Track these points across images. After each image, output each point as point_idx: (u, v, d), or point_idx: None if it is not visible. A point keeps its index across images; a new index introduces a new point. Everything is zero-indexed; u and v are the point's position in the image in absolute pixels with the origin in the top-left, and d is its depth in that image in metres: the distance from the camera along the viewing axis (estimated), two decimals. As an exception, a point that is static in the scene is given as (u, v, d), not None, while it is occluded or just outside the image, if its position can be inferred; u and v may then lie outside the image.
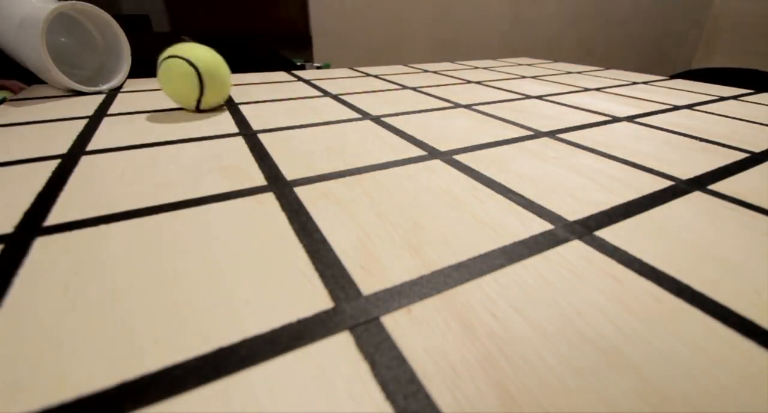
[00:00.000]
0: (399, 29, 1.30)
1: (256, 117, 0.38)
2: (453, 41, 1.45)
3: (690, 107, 0.45)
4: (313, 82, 0.56)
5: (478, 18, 1.48)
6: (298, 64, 0.85)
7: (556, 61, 0.82)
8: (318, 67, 0.74)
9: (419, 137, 0.33)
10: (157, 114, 0.38)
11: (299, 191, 0.23)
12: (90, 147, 0.29)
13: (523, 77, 0.63)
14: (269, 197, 0.22)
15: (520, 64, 0.77)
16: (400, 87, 0.53)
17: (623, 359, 0.12)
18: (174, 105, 0.42)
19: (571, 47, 1.83)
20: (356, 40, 1.24)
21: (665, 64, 2.20)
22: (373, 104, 0.43)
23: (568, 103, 0.46)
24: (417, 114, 0.40)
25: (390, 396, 0.11)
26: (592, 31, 1.86)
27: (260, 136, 0.32)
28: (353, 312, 0.14)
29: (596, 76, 0.65)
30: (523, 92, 0.51)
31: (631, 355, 0.12)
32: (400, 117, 0.38)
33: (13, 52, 0.44)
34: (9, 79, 0.61)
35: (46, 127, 0.34)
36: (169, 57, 0.35)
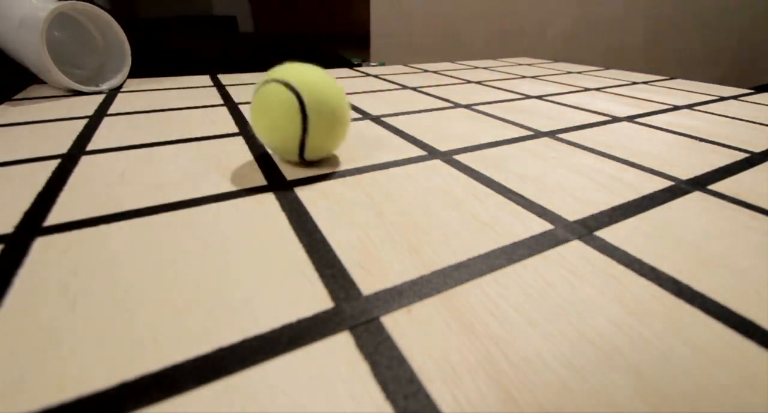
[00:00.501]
0: (454, 29, 1.26)
1: (256, 117, 0.38)
2: (509, 41, 1.36)
3: (690, 107, 0.45)
4: (313, 82, 0.56)
5: (538, 17, 1.38)
6: (356, 63, 0.86)
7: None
8: (373, 66, 0.75)
9: (419, 137, 0.33)
10: (157, 114, 0.38)
11: (299, 191, 0.23)
12: (90, 147, 0.29)
13: (523, 77, 0.63)
14: (269, 197, 0.22)
15: (520, 64, 0.77)
16: (400, 87, 0.53)
17: (623, 359, 0.12)
18: (174, 105, 0.42)
19: (637, 53, 1.65)
20: (412, 40, 1.22)
21: (752, 75, 1.97)
22: (373, 104, 0.43)
23: (568, 103, 0.46)
24: (417, 114, 0.40)
25: (390, 396, 0.11)
26: (666, 36, 1.65)
27: (260, 136, 0.32)
28: (353, 312, 0.14)
29: (596, 76, 0.65)
30: (523, 92, 0.51)
31: (631, 355, 0.12)
32: (400, 117, 0.38)
33: (13, 52, 0.44)
34: None
35: (46, 127, 0.34)
36: (265, 83, 0.23)
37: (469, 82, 0.58)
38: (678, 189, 0.24)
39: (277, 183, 0.24)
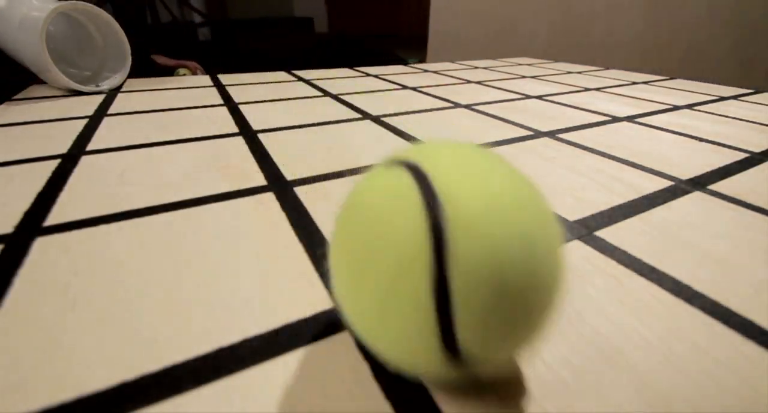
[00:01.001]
0: (513, 31, 1.18)
1: (256, 117, 0.38)
2: (572, 44, 1.24)
3: (690, 106, 0.45)
4: (313, 82, 0.56)
5: (607, 18, 1.24)
6: (411, 62, 0.87)
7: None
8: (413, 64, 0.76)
9: (419, 137, 0.33)
10: (157, 114, 0.38)
11: (299, 191, 0.23)
12: (90, 147, 0.29)
13: (523, 77, 0.63)
14: (269, 197, 0.22)
15: (520, 64, 0.77)
16: (400, 87, 0.53)
17: (623, 359, 0.12)
18: (174, 105, 0.42)
19: (719, 60, 1.43)
20: (469, 41, 1.17)
21: None
22: (373, 104, 0.43)
23: (568, 103, 0.46)
24: (417, 114, 0.40)
25: (390, 396, 0.11)
26: (754, 44, 1.41)
27: (260, 136, 0.32)
28: (353, 312, 0.14)
29: (596, 76, 0.65)
30: (523, 92, 0.51)
31: (631, 355, 0.12)
32: (400, 117, 0.38)
33: (13, 52, 0.44)
34: (189, 59, 0.73)
35: (46, 127, 0.34)
36: (373, 180, 0.10)
37: (469, 82, 0.58)
38: (678, 189, 0.24)
39: (277, 183, 0.24)
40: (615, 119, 0.39)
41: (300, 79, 0.58)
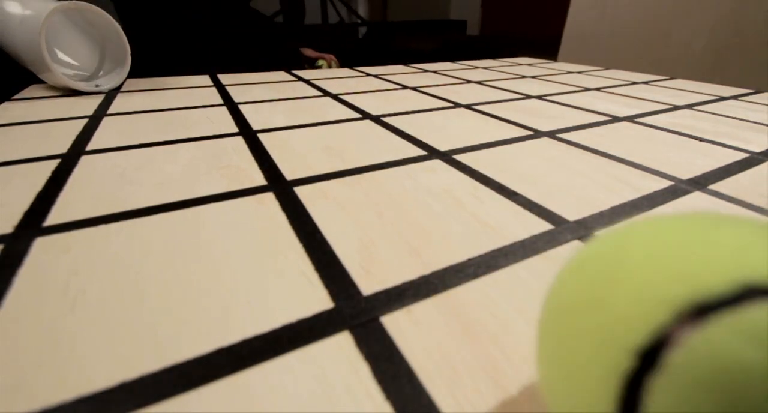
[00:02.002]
0: (665, 41, 1.02)
1: (255, 117, 0.38)
2: (733, 62, 1.00)
3: (690, 106, 0.45)
4: (313, 82, 0.56)
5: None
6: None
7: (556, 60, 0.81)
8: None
9: (419, 137, 0.33)
10: (157, 114, 0.38)
11: (299, 191, 0.23)
12: (90, 147, 0.29)
13: (524, 77, 0.63)
14: (269, 197, 0.22)
15: (520, 64, 0.77)
16: (400, 87, 0.53)
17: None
18: (174, 105, 0.42)
19: None
20: (607, 45, 1.08)
21: None
22: (373, 104, 0.43)
23: (568, 103, 0.46)
24: (417, 114, 0.40)
25: (390, 396, 0.11)
26: None
27: (260, 136, 0.32)
28: (353, 312, 0.14)
29: (596, 76, 0.65)
30: (523, 92, 0.51)
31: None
32: (400, 117, 0.38)
33: (12, 52, 0.44)
34: (329, 53, 0.85)
35: (46, 127, 0.34)
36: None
37: (469, 82, 0.58)
38: (678, 189, 0.24)
39: (277, 183, 0.24)
40: (615, 119, 0.39)
41: (300, 79, 0.58)
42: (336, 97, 0.47)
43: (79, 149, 0.29)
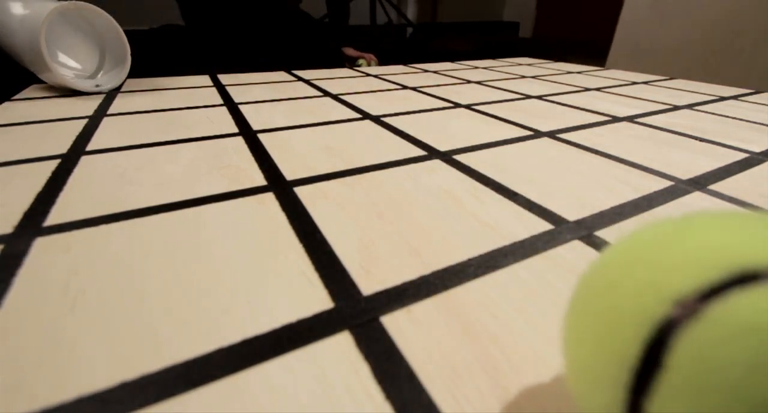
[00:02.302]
0: (729, 45, 0.90)
1: (255, 117, 0.38)
2: None
3: (690, 106, 0.45)
4: (313, 82, 0.56)
5: None
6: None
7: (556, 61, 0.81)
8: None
9: (419, 137, 0.33)
10: (157, 114, 0.38)
11: (299, 191, 0.23)
12: (90, 147, 0.29)
13: (523, 77, 0.63)
14: (269, 197, 0.22)
15: (520, 64, 0.77)
16: (400, 87, 0.53)
17: (623, 359, 0.12)
18: (174, 105, 0.42)
19: None
20: (662, 53, 0.98)
21: None
22: (373, 104, 0.43)
23: (568, 103, 0.46)
24: (417, 114, 0.40)
25: (390, 396, 0.11)
26: None
27: (260, 136, 0.32)
28: (353, 311, 0.14)
29: (596, 76, 0.65)
30: (523, 92, 0.51)
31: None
32: (400, 117, 0.38)
33: (12, 52, 0.44)
34: (369, 52, 0.91)
35: (46, 127, 0.34)
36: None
37: (469, 82, 0.58)
38: (678, 189, 0.24)
39: (277, 183, 0.24)
40: (615, 119, 0.39)
41: (300, 79, 0.58)
42: (336, 97, 0.47)
43: (79, 149, 0.29)
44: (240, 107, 0.41)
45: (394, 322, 0.13)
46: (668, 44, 0.96)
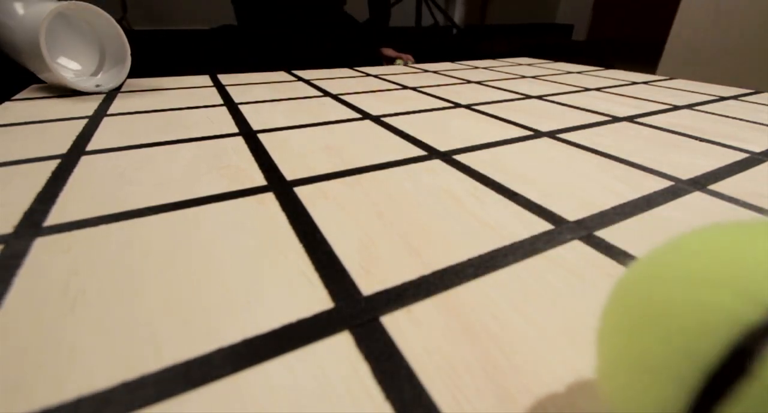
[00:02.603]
0: None
1: (255, 117, 0.38)
2: None
3: (690, 107, 0.45)
4: (313, 82, 0.56)
5: None
6: None
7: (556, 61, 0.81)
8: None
9: (419, 137, 0.33)
10: (157, 114, 0.38)
11: (299, 191, 0.23)
12: (90, 147, 0.29)
13: (523, 77, 0.63)
14: (269, 197, 0.22)
15: (520, 64, 0.77)
16: (400, 87, 0.53)
17: (623, 359, 0.12)
18: (174, 105, 0.42)
19: None
20: (721, 59, 0.90)
21: None
22: (373, 104, 0.43)
23: (568, 103, 0.46)
24: (417, 114, 0.40)
25: (390, 396, 0.11)
26: None
27: (260, 136, 0.32)
28: (353, 311, 0.14)
29: (596, 76, 0.65)
30: (523, 92, 0.51)
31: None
32: (400, 117, 0.38)
33: (12, 52, 0.44)
34: (407, 53, 0.94)
35: (46, 127, 0.34)
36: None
37: (469, 82, 0.58)
38: (678, 189, 0.24)
39: (277, 183, 0.24)
40: (615, 119, 0.39)
41: (300, 79, 0.58)
42: (336, 97, 0.47)
43: (79, 149, 0.29)
44: (240, 106, 0.41)
45: (394, 322, 0.13)
46: (729, 48, 0.88)
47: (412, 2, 1.43)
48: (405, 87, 0.53)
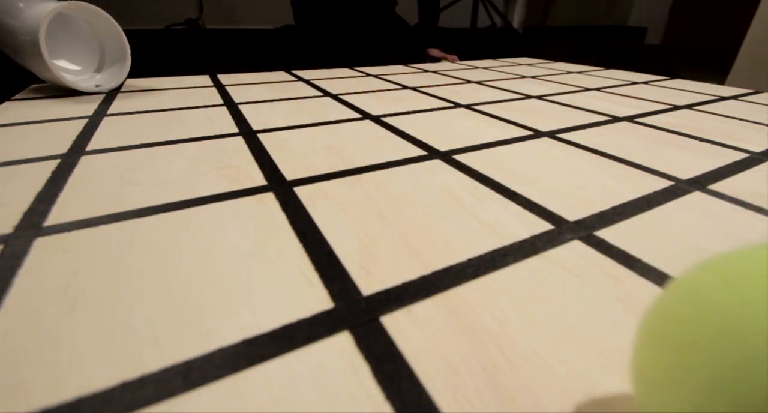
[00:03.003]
0: None
1: (255, 117, 0.38)
2: None
3: (690, 106, 0.45)
4: (313, 82, 0.56)
5: None
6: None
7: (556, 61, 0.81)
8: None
9: (419, 137, 0.33)
10: (157, 114, 0.38)
11: (299, 191, 0.23)
12: (90, 147, 0.29)
13: (523, 77, 0.63)
14: (269, 197, 0.22)
15: (520, 64, 0.77)
16: (400, 87, 0.53)
17: (623, 360, 0.12)
18: (174, 105, 0.42)
19: None
20: None
21: None
22: (373, 104, 0.43)
23: (568, 103, 0.46)
24: (417, 114, 0.40)
25: (389, 396, 0.11)
26: None
27: (260, 136, 0.32)
28: (353, 311, 0.14)
29: (596, 76, 0.65)
30: (523, 92, 0.51)
31: (631, 355, 0.12)
32: (400, 117, 0.38)
33: (12, 52, 0.44)
34: (453, 54, 0.96)
35: (46, 127, 0.34)
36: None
37: (469, 82, 0.58)
38: (678, 189, 0.24)
39: (277, 183, 0.24)
40: (615, 119, 0.39)
41: (300, 79, 0.58)
42: (336, 97, 0.47)
43: (79, 149, 0.29)
44: (240, 106, 0.41)
45: (394, 322, 0.13)
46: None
47: (469, 3, 1.44)
48: (405, 87, 0.53)
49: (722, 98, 0.49)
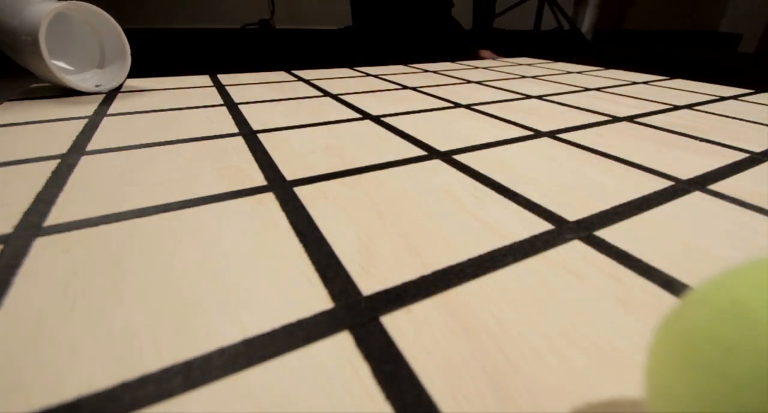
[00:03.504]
0: None
1: (255, 117, 0.38)
2: None
3: (690, 106, 0.45)
4: (313, 82, 0.56)
5: None
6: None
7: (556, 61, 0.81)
8: None
9: (419, 137, 0.33)
10: (157, 114, 0.38)
11: (299, 191, 0.23)
12: (90, 147, 0.29)
13: (524, 77, 0.63)
14: (269, 197, 0.22)
15: (520, 64, 0.77)
16: (400, 87, 0.53)
17: (623, 360, 0.12)
18: (174, 105, 0.42)
19: None
20: None
21: None
22: (373, 104, 0.43)
23: (568, 103, 0.46)
24: (417, 114, 0.40)
25: (390, 396, 0.11)
26: None
27: (260, 136, 0.32)
28: (353, 311, 0.14)
29: (596, 76, 0.65)
30: (523, 92, 0.51)
31: (631, 356, 0.12)
32: (400, 117, 0.38)
33: (12, 52, 0.44)
34: (486, 49, 1.00)
35: (46, 127, 0.34)
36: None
37: (469, 82, 0.58)
38: (678, 189, 0.24)
39: (277, 183, 0.24)
40: (615, 119, 0.39)
41: (300, 79, 0.58)
42: (336, 97, 0.47)
43: (79, 149, 0.29)
44: (240, 106, 0.41)
45: (394, 322, 0.13)
46: None
47: (534, 4, 1.43)
48: (405, 87, 0.53)
49: (722, 98, 0.49)
